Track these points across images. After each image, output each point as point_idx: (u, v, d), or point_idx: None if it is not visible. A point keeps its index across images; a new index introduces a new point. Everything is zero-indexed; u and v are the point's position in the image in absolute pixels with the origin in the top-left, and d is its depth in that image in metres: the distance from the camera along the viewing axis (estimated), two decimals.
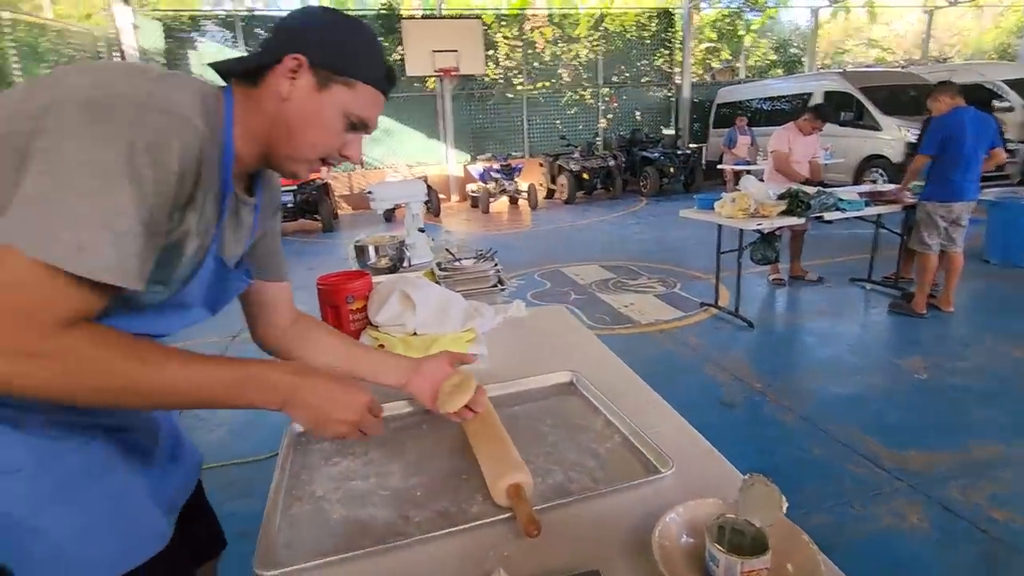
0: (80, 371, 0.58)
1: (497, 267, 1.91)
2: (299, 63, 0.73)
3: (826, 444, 2.27)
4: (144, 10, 9.90)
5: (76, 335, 0.58)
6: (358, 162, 0.87)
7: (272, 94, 0.74)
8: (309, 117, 0.75)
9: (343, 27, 0.76)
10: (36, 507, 0.66)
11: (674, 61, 12.42)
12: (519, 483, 0.74)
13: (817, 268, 4.69)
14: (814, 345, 3.38)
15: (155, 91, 0.61)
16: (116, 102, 0.58)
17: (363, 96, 0.77)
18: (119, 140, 0.57)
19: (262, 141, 0.77)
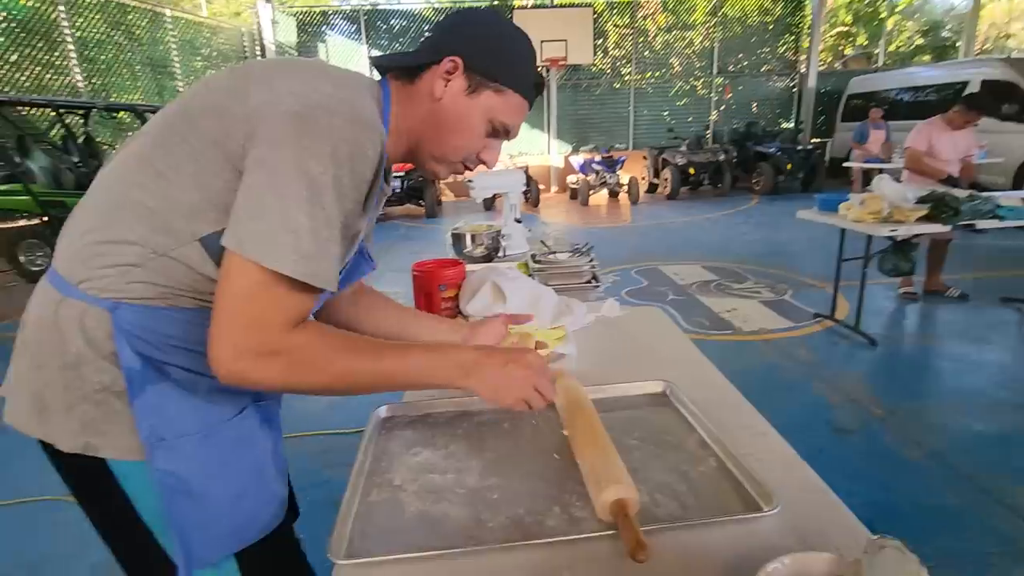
0: (308, 365, 0.65)
1: (593, 263, 1.84)
2: (456, 65, 0.75)
3: (963, 490, 1.96)
4: (282, 7, 10.78)
5: (303, 334, 0.65)
6: (493, 167, 0.89)
7: (426, 93, 0.77)
8: (457, 119, 0.78)
9: (502, 34, 0.78)
10: (200, 472, 0.72)
11: (800, 48, 11.40)
12: (626, 499, 0.69)
13: (961, 283, 4.09)
14: (952, 372, 2.95)
15: (349, 100, 0.66)
16: (319, 114, 0.63)
17: (510, 103, 0.79)
18: (324, 152, 0.62)
19: (411, 138, 0.80)
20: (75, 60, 7.37)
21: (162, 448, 0.69)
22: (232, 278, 0.61)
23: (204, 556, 0.74)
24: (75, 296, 0.68)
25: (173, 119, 0.69)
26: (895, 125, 8.29)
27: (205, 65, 9.79)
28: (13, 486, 2.18)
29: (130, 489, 0.73)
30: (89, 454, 0.70)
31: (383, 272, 5.41)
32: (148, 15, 8.56)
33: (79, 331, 0.68)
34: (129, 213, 0.67)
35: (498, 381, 0.75)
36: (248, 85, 0.68)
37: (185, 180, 0.66)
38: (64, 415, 0.69)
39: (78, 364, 0.68)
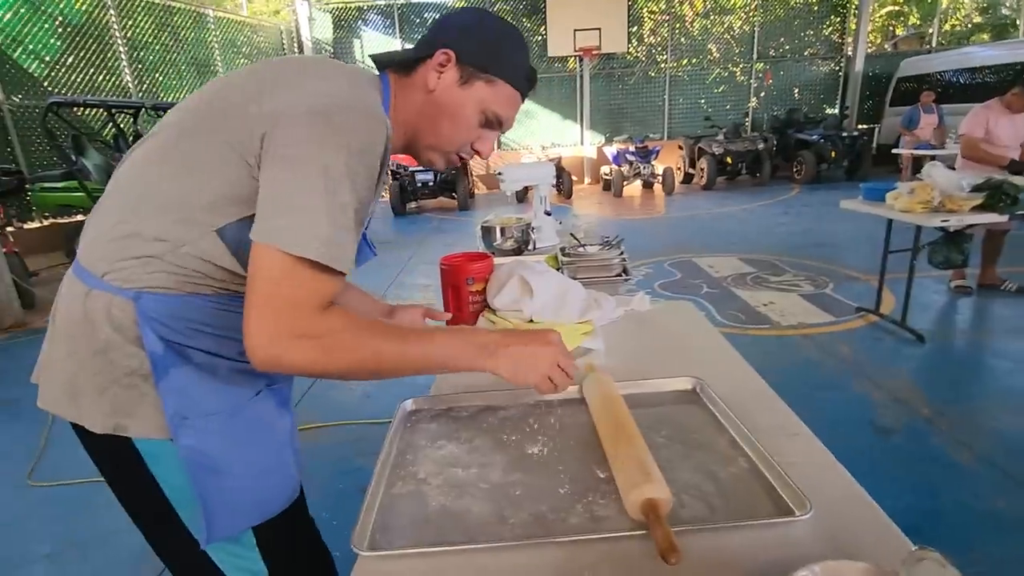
0: (339, 348, 0.67)
1: (623, 256, 1.81)
2: (448, 58, 0.80)
3: (1015, 495, 1.86)
4: (319, 4, 10.96)
5: (332, 318, 0.67)
6: (487, 157, 0.92)
7: (421, 85, 0.82)
8: (450, 109, 0.82)
9: (494, 29, 0.83)
10: (225, 448, 0.77)
11: (847, 29, 10.90)
12: (658, 499, 0.68)
13: (1018, 277, 3.86)
14: (1007, 371, 2.79)
15: (360, 96, 0.71)
16: (334, 111, 0.67)
17: (502, 94, 0.83)
18: (340, 144, 0.65)
19: (408, 129, 0.84)
20: (125, 61, 7.67)
21: (185, 427, 0.73)
22: (261, 267, 0.64)
23: (226, 527, 0.78)
24: (100, 288, 0.72)
25: (192, 116, 0.73)
26: (949, 109, 7.85)
27: (247, 63, 10.03)
28: (63, 468, 2.31)
29: (155, 467, 0.77)
30: (119, 434, 0.74)
31: (417, 264, 5.47)
32: (192, 16, 8.84)
33: (107, 320, 0.72)
34: (151, 206, 0.71)
35: (521, 360, 0.76)
36: (264, 85, 0.71)
37: (204, 175, 0.70)
38: (96, 398, 0.74)
39: (107, 350, 0.73)
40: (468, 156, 0.89)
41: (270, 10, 12.41)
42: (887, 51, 12.22)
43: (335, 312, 0.68)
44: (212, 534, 0.77)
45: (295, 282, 0.64)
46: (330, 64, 0.77)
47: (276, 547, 0.86)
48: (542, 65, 10.80)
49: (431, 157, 0.87)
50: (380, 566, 0.65)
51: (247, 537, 0.82)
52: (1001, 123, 3.55)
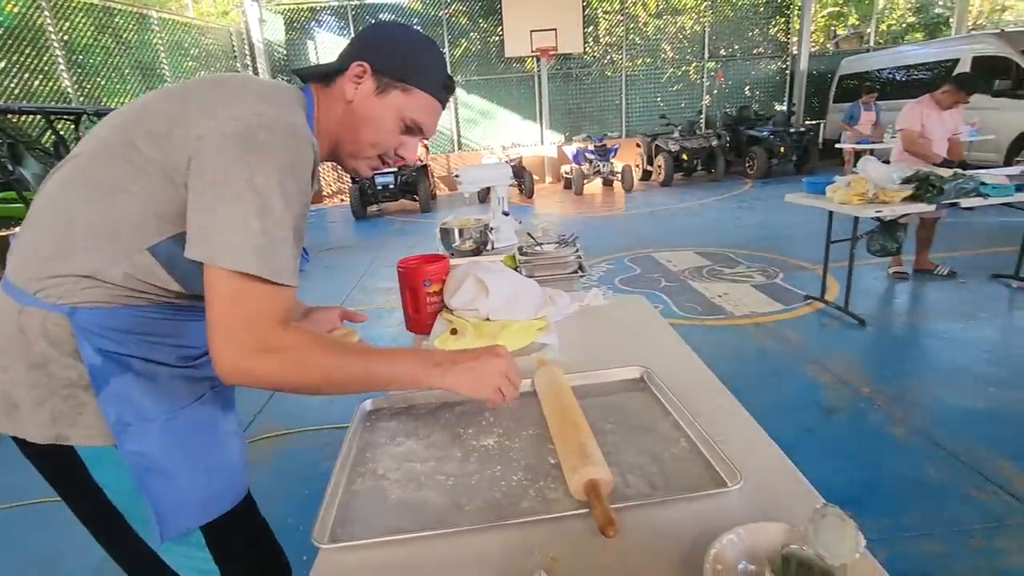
0: (303, 363, 0.70)
1: (578, 253, 1.87)
2: (364, 69, 0.84)
3: (945, 463, 2.01)
4: (269, 5, 10.71)
5: (295, 334, 0.71)
6: (413, 163, 0.98)
7: (340, 96, 0.85)
8: (368, 118, 0.85)
9: (408, 40, 0.86)
10: (169, 450, 0.79)
11: (791, 29, 11.35)
12: (598, 479, 0.73)
13: (951, 261, 4.13)
14: (939, 349, 2.99)
15: (284, 117, 0.72)
16: (261, 133, 0.69)
17: (418, 102, 0.87)
18: (267, 164, 0.68)
19: (331, 138, 0.87)
20: (63, 65, 7.33)
21: (129, 432, 0.75)
22: (214, 288, 0.67)
23: (175, 528, 0.80)
24: (33, 304, 0.73)
25: (114, 140, 0.74)
26: (886, 105, 8.28)
27: (195, 66, 9.74)
28: (21, 487, 2.22)
29: (98, 474, 0.78)
30: (60, 443, 0.75)
31: (378, 268, 5.43)
32: (134, 17, 8.51)
33: (42, 335, 0.73)
34: (78, 229, 0.72)
35: (474, 375, 0.81)
36: (188, 110, 0.73)
37: (130, 196, 0.71)
38: (34, 410, 0.74)
39: (44, 364, 0.74)
40: (392, 162, 0.92)
41: (218, 11, 12.05)
42: (829, 50, 12.75)
43: (298, 329, 0.71)
44: (164, 534, 0.78)
45: (247, 297, 0.67)
46: (251, 83, 0.78)
47: (227, 547, 0.88)
48: (500, 66, 10.86)
49: (354, 164, 0.90)
50: (341, 558, 0.68)
51: (196, 538, 0.84)
52: (932, 119, 3.78)
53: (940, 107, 3.77)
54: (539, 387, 1.02)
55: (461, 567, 0.66)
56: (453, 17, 10.84)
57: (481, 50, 10.94)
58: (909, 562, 1.59)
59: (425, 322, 1.42)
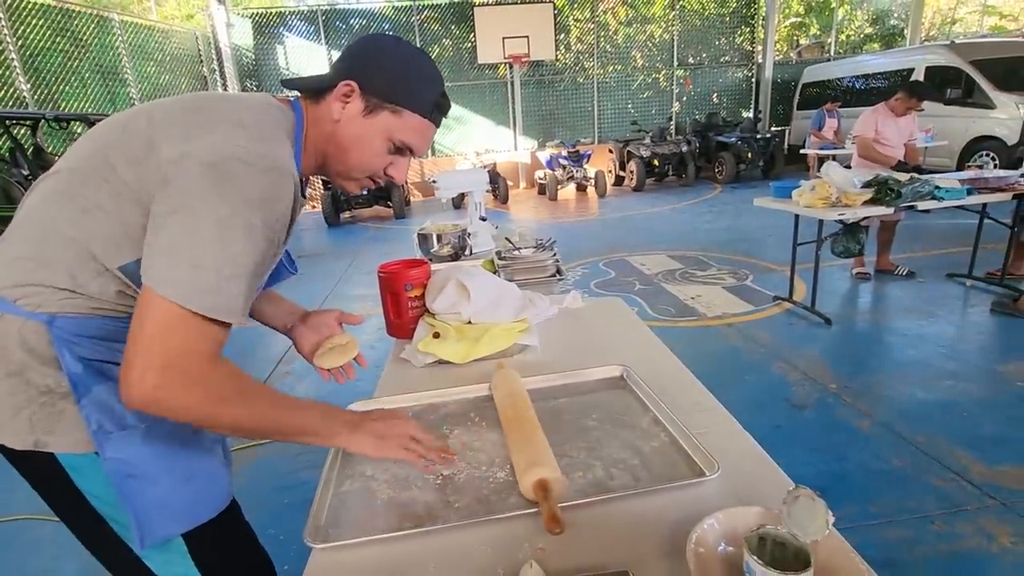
0: (221, 401, 0.69)
1: (556, 257, 1.90)
2: (351, 89, 0.81)
3: (906, 453, 2.10)
4: (237, 9, 10.54)
5: (223, 371, 0.70)
6: (401, 183, 0.94)
7: (327, 115, 0.83)
8: (356, 139, 0.83)
9: (401, 58, 0.83)
10: (151, 458, 0.78)
11: (756, 39, 11.71)
12: (546, 479, 0.75)
13: (910, 261, 4.31)
14: (900, 346, 3.12)
15: (262, 150, 0.70)
16: (233, 165, 0.67)
17: (409, 123, 0.83)
18: (235, 197, 0.67)
19: (318, 156, 0.86)
20: (19, 69, 7.08)
21: (110, 440, 0.75)
22: (151, 312, 0.65)
23: (156, 534, 0.80)
24: (12, 312, 0.73)
25: (92, 159, 0.74)
26: (846, 112, 8.60)
27: (159, 70, 9.51)
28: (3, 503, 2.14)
29: (80, 481, 0.78)
30: (40, 450, 0.75)
31: (353, 275, 5.39)
32: (95, 20, 8.28)
33: (19, 343, 0.73)
34: (56, 244, 0.72)
35: (376, 437, 0.81)
36: (166, 134, 0.71)
37: (105, 216, 0.72)
38: (12, 418, 0.74)
39: (22, 371, 0.73)
40: (382, 181, 0.90)
41: (183, 15, 11.81)
42: (792, 59, 13.18)
43: (226, 366, 0.70)
44: (144, 540, 0.78)
45: (180, 330, 0.65)
46: (236, 108, 0.75)
47: (210, 555, 0.87)
48: (473, 72, 10.90)
49: (343, 183, 0.89)
50: (334, 557, 0.69)
51: (178, 545, 0.83)
52: (887, 125, 3.96)
53: (895, 114, 3.95)
54: (495, 392, 1.04)
55: (452, 562, 0.67)
56: (425, 23, 10.84)
57: (454, 56, 10.97)
58: (875, 548, 1.66)
59: (407, 327, 1.43)
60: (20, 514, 2.06)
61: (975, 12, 16.75)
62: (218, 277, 0.65)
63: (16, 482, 0.81)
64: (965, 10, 17.07)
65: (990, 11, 16.42)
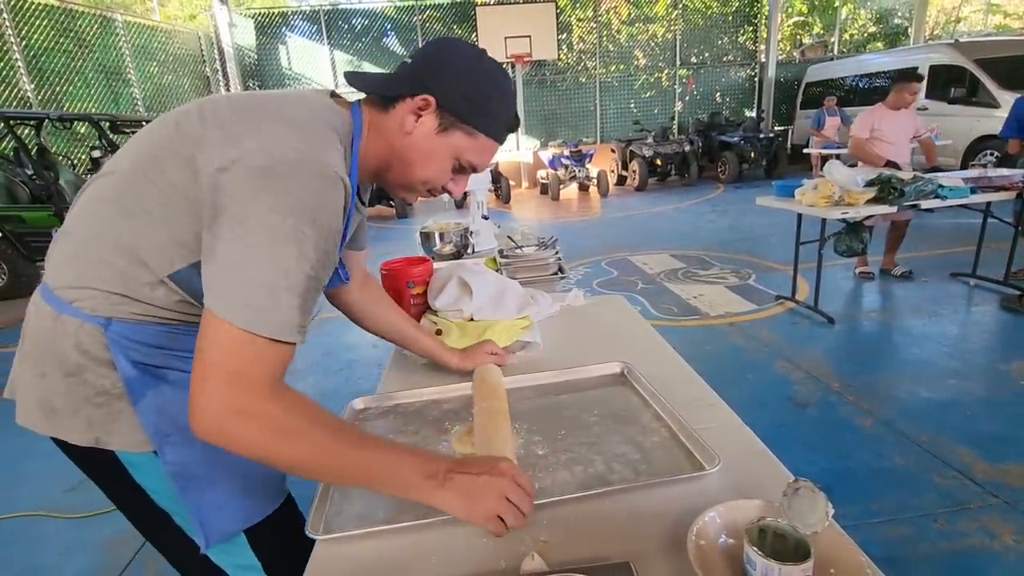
0: (284, 433, 0.62)
1: (558, 255, 1.91)
2: (428, 103, 0.76)
3: (909, 452, 2.10)
4: (239, 9, 10.57)
5: (283, 401, 0.63)
6: (458, 196, 0.91)
7: (397, 124, 0.78)
8: (424, 155, 0.79)
9: (482, 75, 0.78)
10: (206, 461, 0.78)
11: (759, 38, 11.69)
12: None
13: (913, 261, 4.30)
14: (903, 345, 3.11)
15: (314, 154, 0.66)
16: (284, 170, 0.63)
17: (480, 145, 0.80)
18: (287, 206, 0.62)
19: (379, 164, 0.82)
20: (23, 69, 7.12)
21: (169, 444, 0.75)
22: (211, 337, 0.62)
23: (218, 533, 0.81)
24: (68, 312, 0.73)
25: (142, 160, 0.72)
26: (851, 111, 8.58)
27: (162, 70, 9.55)
28: None
29: (141, 478, 0.79)
30: (100, 447, 0.76)
31: None
32: (98, 20, 8.31)
33: (75, 344, 0.73)
34: (108, 247, 0.71)
35: (469, 498, 0.68)
36: (215, 137, 0.68)
37: (155, 220, 0.70)
38: (71, 417, 0.75)
39: (79, 371, 0.73)
40: (438, 194, 0.87)
41: (185, 15, 11.84)
42: (795, 58, 13.15)
43: (289, 394, 0.65)
44: (208, 539, 0.79)
45: (244, 355, 0.61)
46: (286, 108, 0.71)
47: (270, 546, 0.89)
48: None
49: (402, 194, 0.86)
50: (337, 549, 0.70)
51: (240, 538, 0.85)
52: (887, 121, 3.92)
53: (893, 108, 3.90)
54: (474, 388, 1.05)
55: (455, 554, 0.68)
56: (427, 23, 10.86)
57: None
58: (878, 546, 1.66)
59: None
60: (26, 511, 2.07)
61: (979, 11, 16.68)
62: (272, 293, 0.61)
63: (22, 478, 0.82)
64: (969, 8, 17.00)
65: (994, 9, 16.34)
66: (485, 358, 1.15)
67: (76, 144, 7.50)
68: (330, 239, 0.67)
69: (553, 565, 0.64)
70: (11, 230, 4.95)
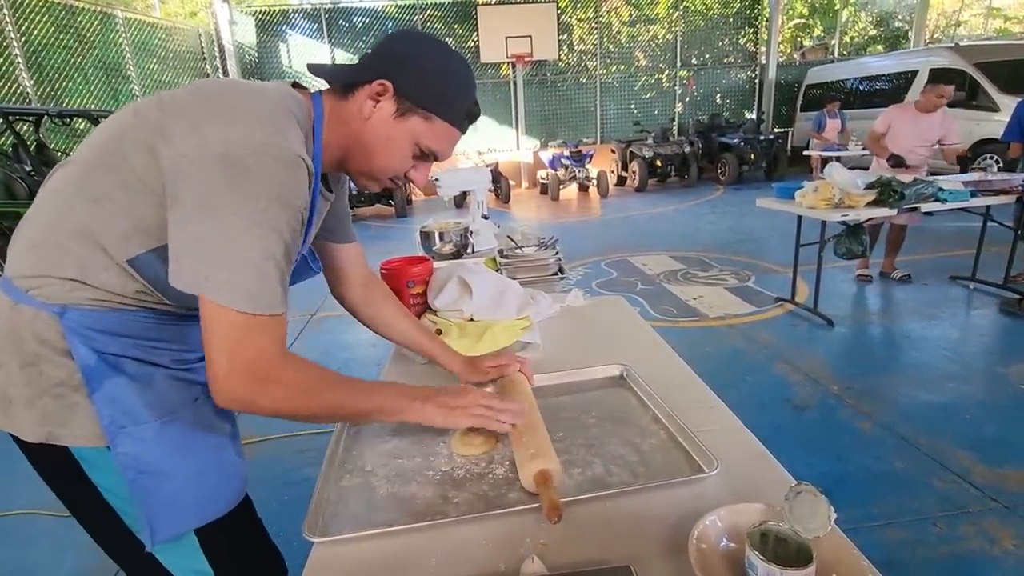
0: (305, 393, 0.72)
1: (558, 255, 1.90)
2: (385, 88, 0.78)
3: (909, 455, 2.10)
4: (240, 6, 10.55)
5: (297, 364, 0.72)
6: (422, 186, 0.92)
7: (355, 111, 0.80)
8: (383, 140, 0.80)
9: (437, 60, 0.79)
10: (164, 453, 0.77)
11: (759, 40, 11.69)
12: (547, 470, 0.75)
13: (913, 264, 4.30)
14: (903, 348, 3.11)
15: (274, 141, 0.68)
16: (247, 158, 0.65)
17: (438, 130, 0.81)
18: (254, 192, 0.65)
19: (340, 152, 0.84)
20: (23, 65, 7.10)
21: (123, 435, 0.74)
22: (211, 323, 0.66)
23: (168, 530, 0.79)
24: (25, 302, 0.72)
25: (106, 147, 0.72)
26: (851, 113, 8.58)
27: (162, 67, 9.53)
28: None
29: (94, 474, 0.78)
30: (52, 443, 0.75)
31: None
32: (98, 17, 8.29)
33: (32, 334, 0.72)
34: (66, 233, 0.71)
35: (445, 408, 0.84)
36: (175, 122, 0.68)
37: (116, 207, 0.70)
38: (26, 409, 0.74)
39: (36, 361, 0.73)
40: (402, 182, 0.89)
41: (186, 12, 11.82)
42: (796, 60, 13.15)
43: (294, 359, 0.72)
44: (156, 536, 0.77)
45: (247, 334, 0.66)
46: (245, 97, 0.71)
47: (222, 550, 0.86)
48: (475, 71, 10.86)
49: (364, 182, 0.87)
50: (335, 552, 0.69)
51: (189, 539, 0.83)
52: (903, 122, 3.86)
53: (923, 111, 3.82)
54: (500, 390, 1.04)
55: (453, 557, 0.67)
56: (428, 23, 10.85)
57: None
58: (877, 550, 1.66)
59: None
60: (21, 509, 2.06)
61: (980, 14, 16.71)
62: (259, 273, 0.66)
63: (17, 476, 0.81)
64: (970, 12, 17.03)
65: (995, 13, 16.37)
66: (489, 371, 1.10)
67: (75, 140, 7.47)
68: (297, 218, 0.71)
69: (553, 568, 0.63)
70: (8, 226, 4.93)
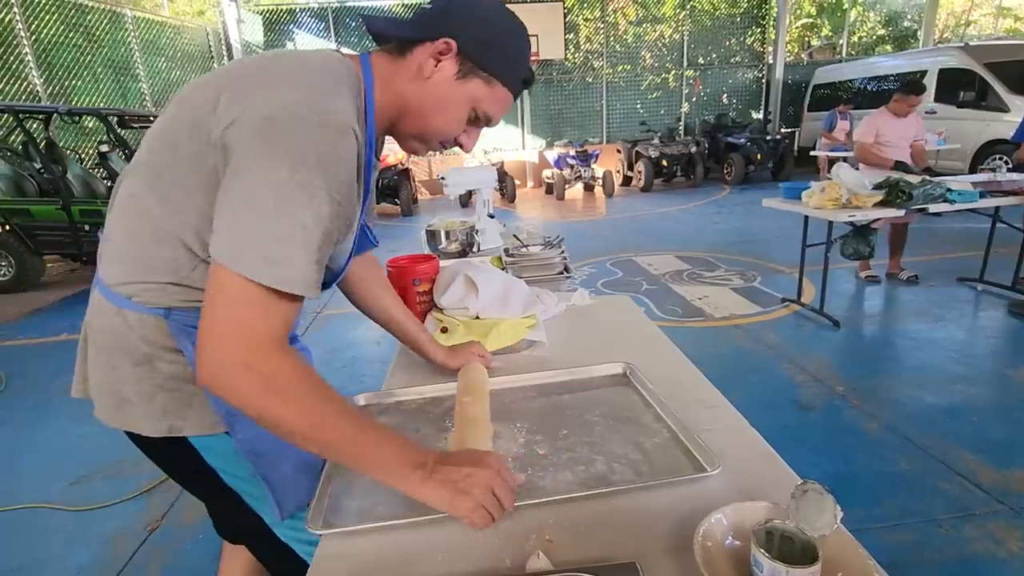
0: (281, 392, 0.62)
1: (564, 255, 1.90)
2: (449, 47, 0.73)
3: (914, 457, 2.08)
4: (248, 5, 10.60)
5: (288, 361, 0.63)
6: (470, 151, 0.88)
7: (414, 70, 0.75)
8: (441, 102, 0.76)
9: (502, 22, 0.77)
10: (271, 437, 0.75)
11: (767, 39, 11.64)
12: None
13: (921, 265, 4.27)
14: (909, 349, 3.09)
15: (318, 104, 0.64)
16: (286, 122, 0.62)
17: (496, 95, 0.78)
18: (291, 159, 0.61)
19: (394, 112, 0.78)
20: (33, 64, 7.16)
21: (240, 421, 0.77)
22: (218, 286, 0.61)
23: (293, 504, 0.83)
24: (129, 307, 0.74)
25: (159, 145, 0.72)
26: (858, 114, 8.52)
27: (170, 66, 9.58)
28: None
29: (212, 460, 0.82)
30: (174, 435, 0.78)
31: None
32: (107, 15, 8.35)
33: (141, 336, 0.75)
34: (149, 237, 0.72)
35: (453, 490, 0.68)
36: (219, 97, 0.67)
37: (181, 202, 0.70)
38: (145, 406, 0.77)
39: (149, 360, 0.76)
40: (450, 147, 0.85)
41: (194, 10, 11.87)
42: (803, 60, 13.08)
43: (291, 357, 0.63)
44: (284, 511, 0.82)
45: (243, 303, 0.61)
46: (287, 63, 0.70)
47: None
48: None
49: (412, 145, 0.83)
50: (341, 545, 0.69)
51: (301, 514, 0.85)
52: (889, 126, 3.94)
53: (897, 115, 3.91)
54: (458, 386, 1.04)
55: (460, 552, 0.67)
56: None
57: None
58: (882, 551, 1.65)
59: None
60: (29, 503, 2.08)
61: (990, 14, 16.56)
62: (282, 245, 0.60)
63: (26, 470, 0.83)
64: (979, 12, 16.89)
65: (1005, 13, 16.22)
66: (470, 358, 1.13)
67: (84, 139, 7.54)
68: (343, 191, 0.65)
69: (558, 564, 0.63)
70: (18, 223, 4.98)
